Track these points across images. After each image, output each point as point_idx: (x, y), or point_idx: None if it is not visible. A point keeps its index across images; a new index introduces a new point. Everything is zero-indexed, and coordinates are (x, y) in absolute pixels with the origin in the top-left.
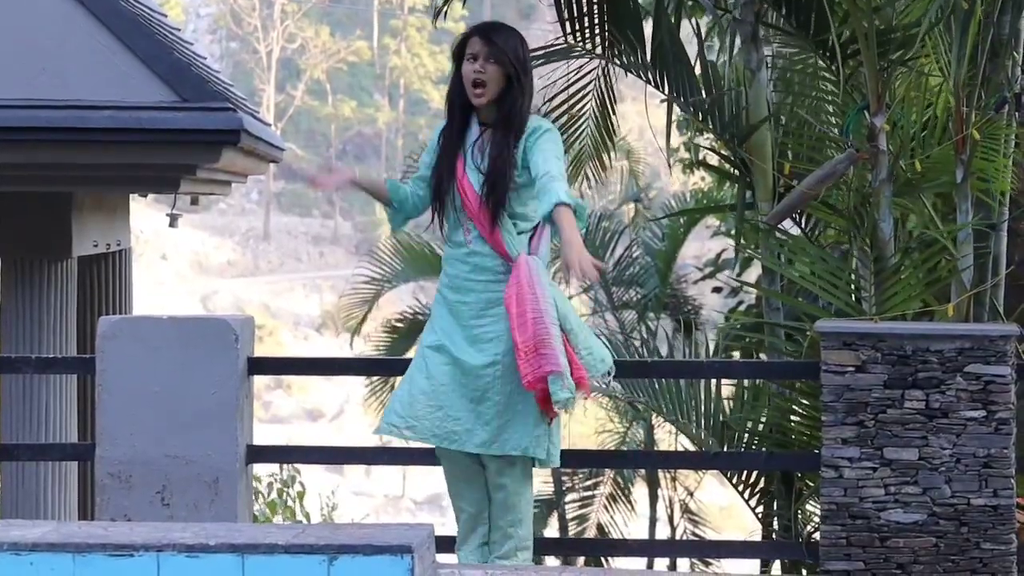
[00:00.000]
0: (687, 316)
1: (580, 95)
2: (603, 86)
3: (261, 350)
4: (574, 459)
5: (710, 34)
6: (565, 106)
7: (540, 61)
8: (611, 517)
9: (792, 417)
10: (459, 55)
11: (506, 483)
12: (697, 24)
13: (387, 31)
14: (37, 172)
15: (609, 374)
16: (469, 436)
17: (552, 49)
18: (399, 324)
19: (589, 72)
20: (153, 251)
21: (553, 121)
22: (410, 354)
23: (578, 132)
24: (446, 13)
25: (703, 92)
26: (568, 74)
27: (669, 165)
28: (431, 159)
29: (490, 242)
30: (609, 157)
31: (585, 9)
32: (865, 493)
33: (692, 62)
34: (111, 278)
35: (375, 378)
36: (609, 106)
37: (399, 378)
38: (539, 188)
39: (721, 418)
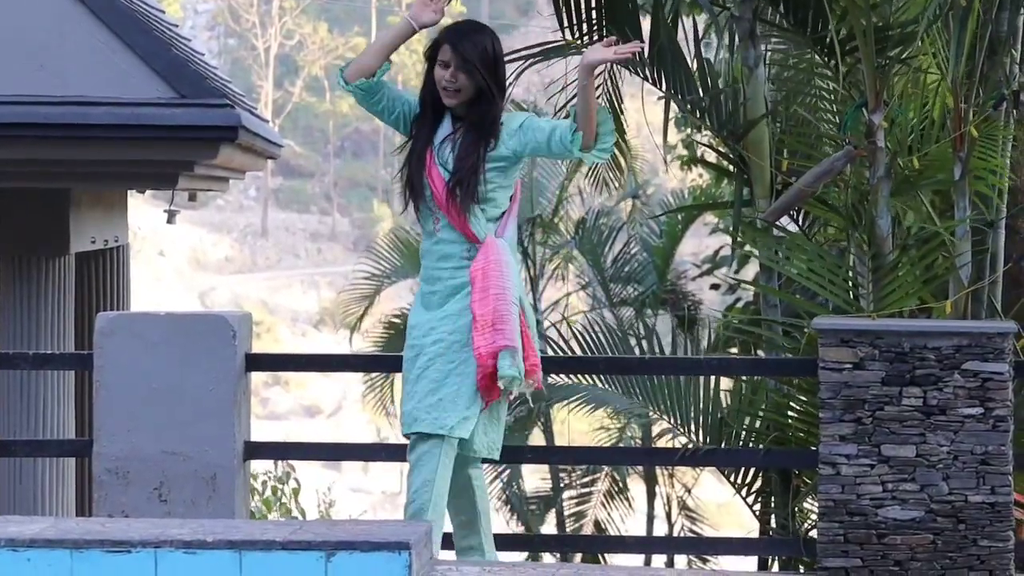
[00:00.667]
0: (684, 313)
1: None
2: (611, 88)
3: (259, 346)
4: (572, 456)
5: (708, 31)
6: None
7: (538, 59)
8: (608, 514)
9: (789, 414)
10: (431, 57)
11: (473, 470)
12: (695, 21)
13: (385, 28)
14: (35, 168)
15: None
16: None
17: (550, 46)
18: (396, 320)
19: (597, 75)
20: (151, 247)
21: None
22: None
23: None
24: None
25: (700, 90)
26: (572, 68)
27: (666, 162)
28: (410, 113)
29: (458, 228)
30: (623, 156)
31: (583, 6)
32: (863, 490)
33: (690, 59)
34: (109, 274)
35: (373, 374)
36: (616, 105)
37: (398, 374)
38: (551, 130)
39: (719, 415)
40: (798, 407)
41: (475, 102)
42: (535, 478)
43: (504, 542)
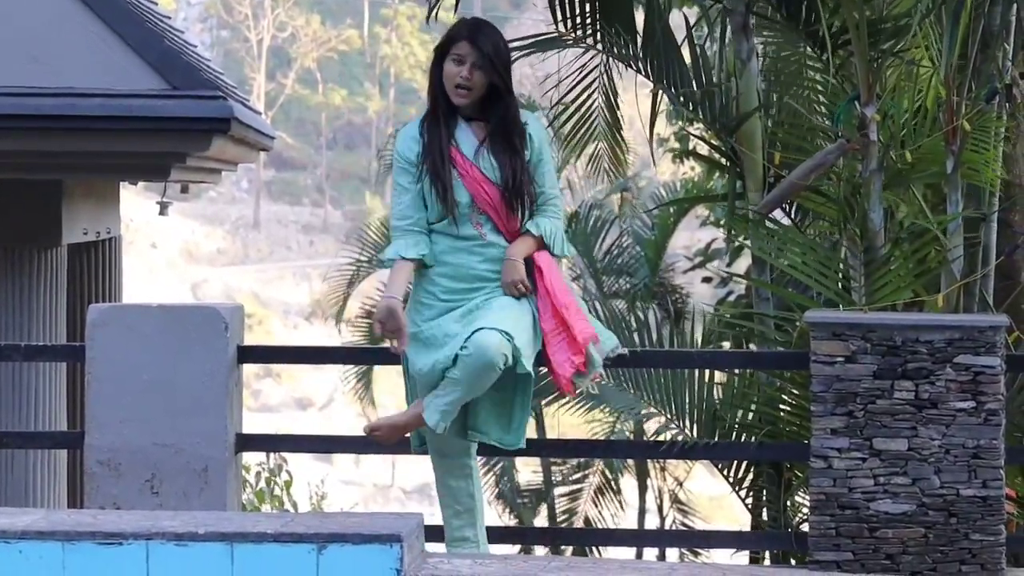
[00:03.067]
0: (676, 306)
1: (587, 91)
2: (606, 81)
3: (251, 338)
4: (564, 449)
5: (699, 24)
6: (575, 104)
7: (531, 51)
8: (599, 511)
9: (781, 407)
10: (443, 51)
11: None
12: (686, 16)
13: (377, 20)
14: (27, 159)
15: (614, 351)
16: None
17: (542, 38)
18: (374, 309)
19: (593, 69)
20: (143, 239)
21: (566, 120)
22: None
23: (590, 130)
24: (438, 13)
25: (693, 83)
26: (568, 63)
27: (653, 156)
28: (414, 173)
29: (503, 230)
30: (622, 151)
31: None
32: (854, 484)
33: (681, 52)
34: (101, 266)
35: (363, 366)
36: (613, 101)
37: (388, 367)
38: (537, 198)
39: (711, 409)
40: (790, 400)
41: (485, 101)
42: (527, 471)
43: (496, 534)
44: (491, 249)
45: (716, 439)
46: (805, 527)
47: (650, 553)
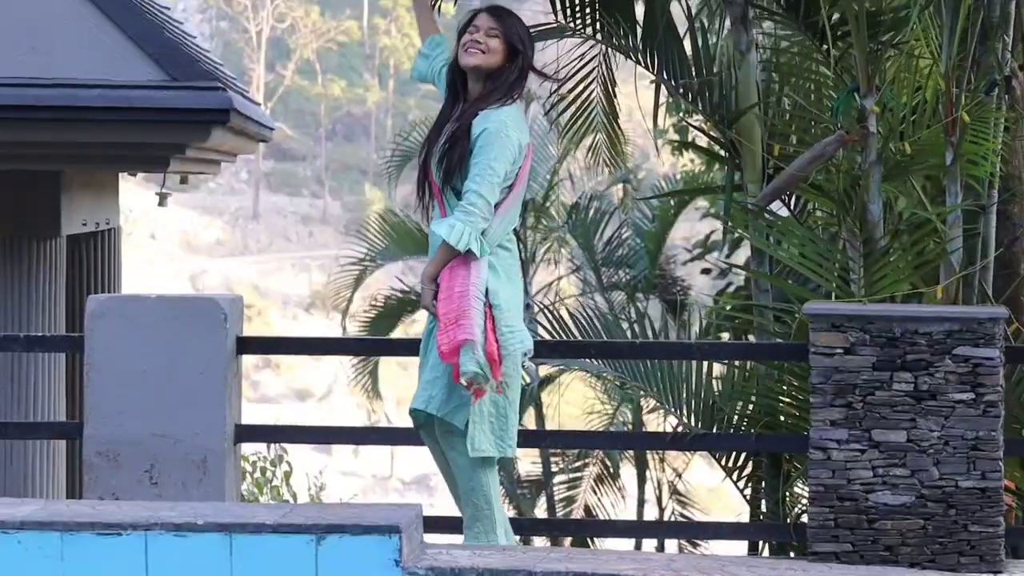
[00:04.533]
0: (675, 297)
1: (585, 81)
2: (605, 71)
3: (250, 329)
4: (562, 439)
5: (699, 15)
6: (572, 95)
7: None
8: (599, 500)
9: (780, 399)
10: (466, 27)
11: (449, 452)
12: (688, 5)
13: (377, 11)
14: (26, 150)
15: (526, 355)
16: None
17: (543, 28)
18: (376, 304)
19: (592, 59)
20: (142, 230)
21: (564, 110)
22: (395, 333)
23: (588, 120)
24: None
25: (693, 74)
26: (565, 52)
27: (656, 148)
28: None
29: (442, 215)
30: (619, 141)
31: None
32: (853, 475)
33: (681, 44)
34: (100, 257)
35: (364, 357)
36: (611, 90)
37: (384, 357)
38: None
39: (710, 400)
40: (789, 392)
41: (491, 79)
42: (526, 462)
43: None
44: (433, 237)
45: (715, 430)
46: (804, 518)
47: (649, 544)
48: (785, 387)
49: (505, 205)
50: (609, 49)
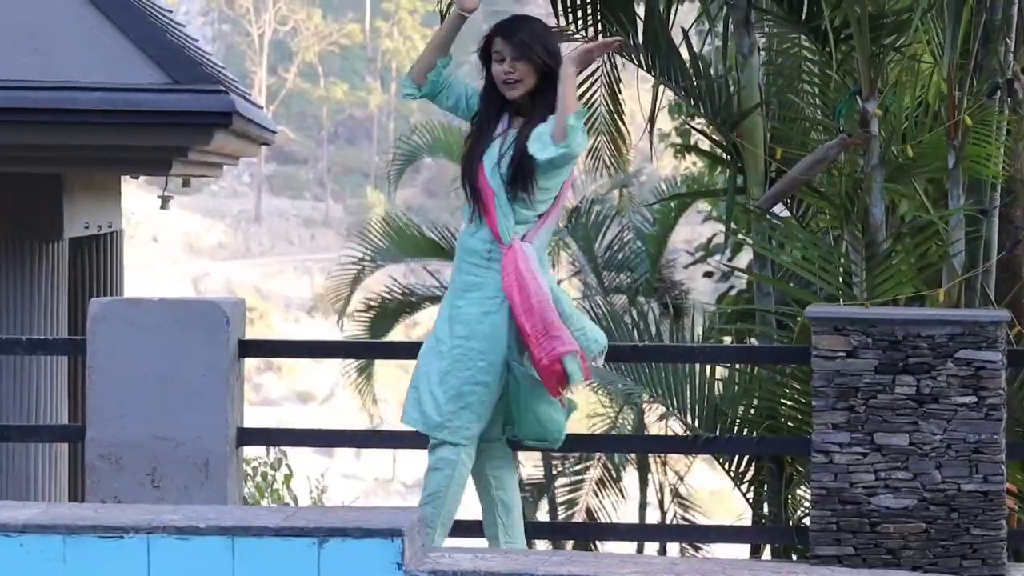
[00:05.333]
0: (676, 301)
1: (590, 82)
2: (609, 71)
3: (252, 332)
4: (565, 442)
5: (701, 19)
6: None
7: None
8: (600, 502)
9: (783, 402)
10: (486, 55)
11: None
12: (689, 9)
13: (379, 14)
14: (27, 153)
15: (601, 354)
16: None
17: None
18: (374, 304)
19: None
20: (144, 233)
21: None
22: (392, 335)
23: (592, 123)
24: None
25: (694, 77)
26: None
27: (652, 150)
28: (475, 102)
29: (488, 223)
30: (624, 141)
31: None
32: (855, 478)
33: (684, 47)
34: (102, 260)
35: (365, 359)
36: (616, 90)
37: (382, 360)
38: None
39: (712, 403)
40: (791, 395)
41: (538, 94)
42: (528, 465)
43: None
44: (470, 240)
45: (717, 434)
46: (806, 522)
47: (651, 547)
48: (787, 390)
49: (554, 214)
50: (611, 53)
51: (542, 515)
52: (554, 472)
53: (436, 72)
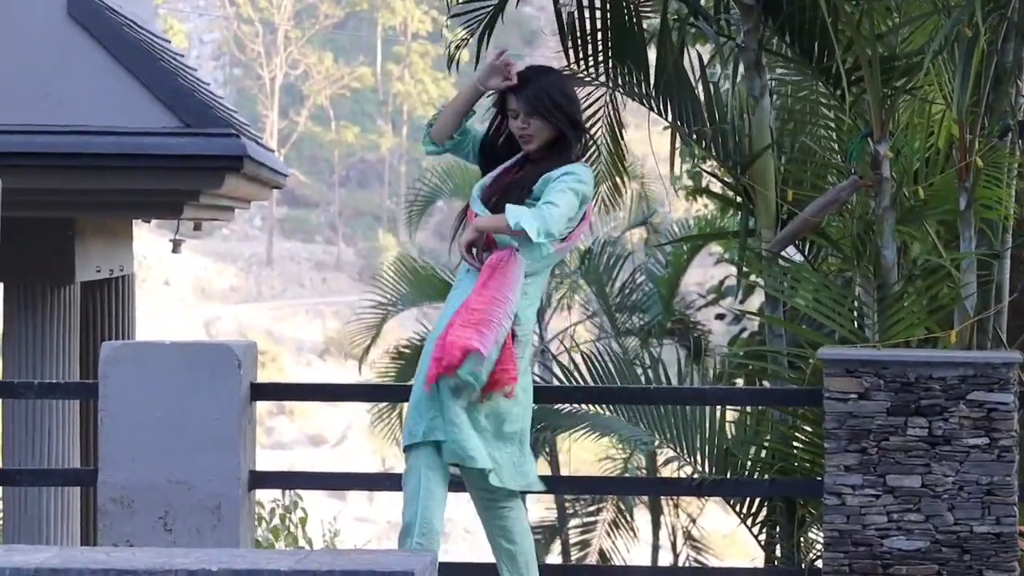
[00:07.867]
0: (690, 343)
1: (590, 123)
2: (611, 112)
3: (263, 376)
4: (577, 485)
5: (712, 61)
6: None
7: None
8: (613, 544)
9: (795, 444)
10: (501, 108)
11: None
12: (699, 53)
13: (390, 57)
14: (39, 197)
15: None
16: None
17: None
18: (406, 350)
19: (598, 99)
20: (156, 276)
21: None
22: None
23: (591, 159)
24: (457, 60)
25: (707, 120)
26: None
27: (676, 191)
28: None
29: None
30: (622, 182)
31: (589, 36)
32: (868, 520)
33: (696, 90)
34: (114, 303)
35: (381, 404)
36: (617, 131)
37: (405, 404)
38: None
39: (724, 445)
40: (803, 437)
41: (555, 146)
42: (540, 507)
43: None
44: (461, 280)
45: (729, 476)
46: (819, 564)
47: None
48: (799, 432)
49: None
50: (616, 92)
51: (555, 557)
52: (567, 514)
53: (461, 131)
